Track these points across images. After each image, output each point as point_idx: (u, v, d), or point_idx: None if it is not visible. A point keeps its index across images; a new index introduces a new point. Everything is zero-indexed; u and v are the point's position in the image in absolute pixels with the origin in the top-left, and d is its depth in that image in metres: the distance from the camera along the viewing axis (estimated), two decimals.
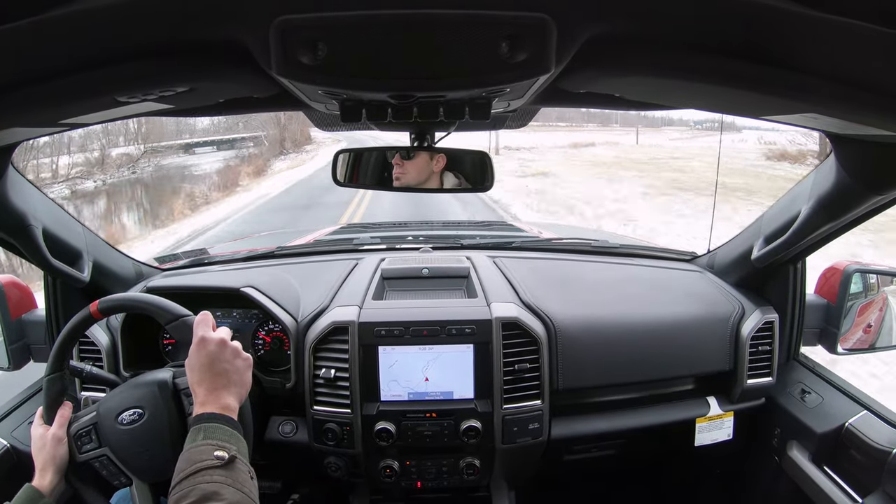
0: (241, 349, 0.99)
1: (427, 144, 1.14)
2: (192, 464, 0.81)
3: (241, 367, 0.98)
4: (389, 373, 1.30)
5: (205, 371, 0.93)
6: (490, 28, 0.56)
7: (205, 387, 0.92)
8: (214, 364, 0.94)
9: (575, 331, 1.37)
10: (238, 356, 0.98)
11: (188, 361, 0.96)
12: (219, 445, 0.84)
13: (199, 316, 1.00)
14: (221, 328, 1.00)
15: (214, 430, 0.87)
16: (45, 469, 0.99)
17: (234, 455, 0.83)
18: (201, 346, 0.95)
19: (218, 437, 0.86)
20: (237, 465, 0.83)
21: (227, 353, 0.96)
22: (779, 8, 0.50)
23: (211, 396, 0.92)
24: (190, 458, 0.82)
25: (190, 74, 0.66)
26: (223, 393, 0.93)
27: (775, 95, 0.64)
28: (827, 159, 1.06)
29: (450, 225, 2.78)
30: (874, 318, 1.52)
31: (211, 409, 0.90)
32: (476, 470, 1.33)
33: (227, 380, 0.94)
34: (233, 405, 0.93)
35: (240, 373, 0.97)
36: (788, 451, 1.40)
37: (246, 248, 1.93)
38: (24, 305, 1.50)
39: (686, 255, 1.83)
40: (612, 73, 0.70)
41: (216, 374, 0.94)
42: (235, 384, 0.95)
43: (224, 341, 0.97)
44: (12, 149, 1.05)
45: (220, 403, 0.91)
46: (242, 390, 0.97)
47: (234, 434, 0.88)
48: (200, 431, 0.86)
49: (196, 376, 0.94)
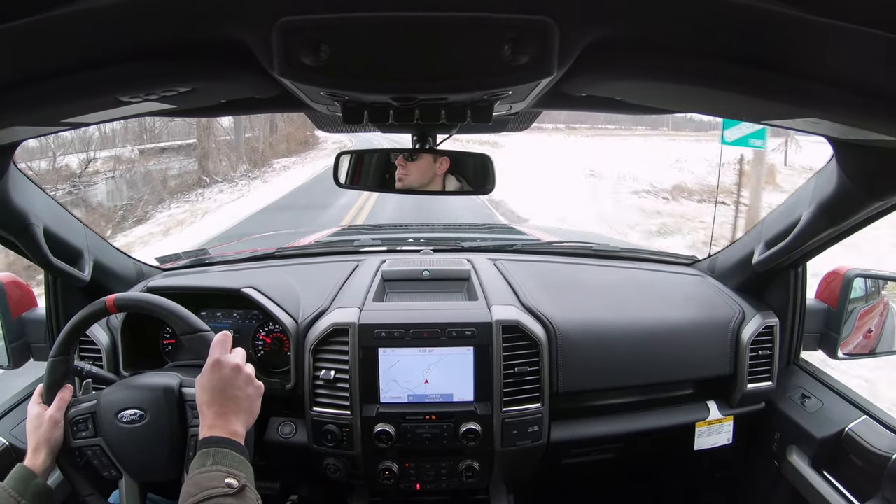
0: (254, 377, 0.99)
1: (428, 146, 1.15)
2: (201, 489, 0.80)
3: (253, 395, 0.98)
4: (389, 375, 1.30)
5: (216, 394, 0.93)
6: (492, 30, 0.56)
7: (214, 409, 0.92)
8: (227, 389, 0.94)
9: (575, 334, 1.37)
10: (251, 383, 0.98)
11: (199, 380, 0.95)
12: (229, 472, 0.83)
13: (218, 336, 0.99)
14: (237, 350, 1.00)
15: (224, 456, 0.86)
16: (38, 449, 0.99)
17: (245, 484, 0.83)
18: (216, 368, 0.95)
19: (227, 463, 0.85)
20: (247, 493, 0.83)
21: (240, 379, 0.96)
22: (780, 13, 0.50)
23: (220, 421, 0.91)
24: (199, 483, 0.81)
25: (192, 75, 0.66)
26: (232, 418, 0.92)
27: (776, 100, 0.64)
28: (828, 164, 1.06)
29: (451, 227, 2.78)
30: (875, 323, 1.52)
31: (219, 433, 0.90)
32: (475, 472, 1.33)
33: (237, 406, 0.94)
34: (240, 431, 0.92)
35: (250, 400, 0.97)
36: (788, 455, 1.39)
37: (247, 249, 1.94)
38: (24, 304, 1.50)
39: (687, 259, 1.83)
40: (614, 77, 0.70)
41: (228, 399, 0.93)
42: (245, 411, 0.95)
43: (239, 367, 0.96)
44: (14, 148, 1.05)
45: (229, 429, 0.91)
46: (250, 418, 0.97)
47: (242, 461, 0.88)
48: (210, 456, 0.86)
49: (206, 397, 0.93)
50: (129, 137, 15.74)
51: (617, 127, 40.58)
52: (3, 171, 1.06)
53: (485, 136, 11.04)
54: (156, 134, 17.91)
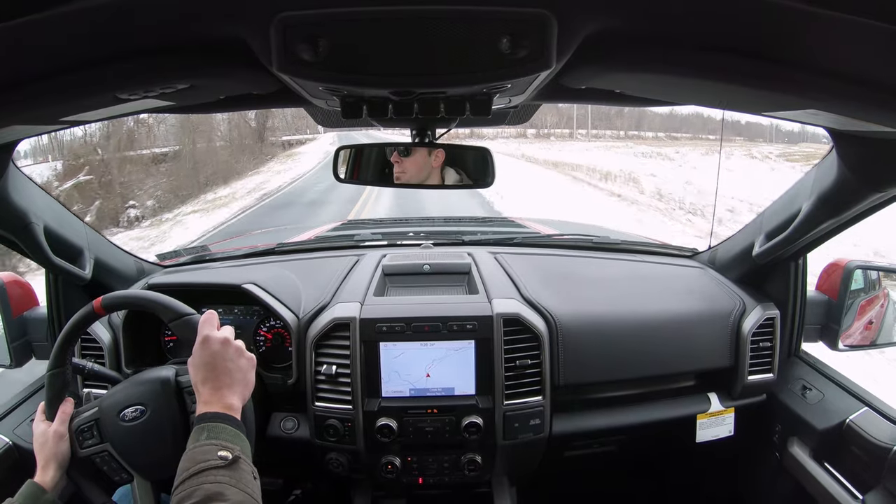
0: (245, 348, 0.99)
1: (428, 140, 1.14)
2: (195, 463, 0.81)
3: (245, 367, 0.97)
4: (391, 369, 1.30)
5: (208, 370, 0.93)
6: (491, 24, 0.56)
7: (208, 386, 0.92)
8: (218, 363, 0.94)
9: (576, 327, 1.37)
10: (242, 355, 0.97)
11: (191, 360, 0.95)
12: (222, 445, 0.84)
13: (204, 315, 0.99)
14: (225, 327, 0.99)
15: (218, 430, 0.86)
16: (46, 465, 0.99)
17: (238, 455, 0.83)
18: (205, 344, 0.94)
19: (221, 436, 0.86)
20: (241, 465, 0.83)
21: (230, 351, 0.95)
22: (779, 4, 0.50)
23: (214, 396, 0.91)
24: (193, 458, 0.82)
25: (191, 71, 0.66)
26: (226, 392, 0.92)
27: (776, 91, 0.64)
28: (828, 156, 1.06)
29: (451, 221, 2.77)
30: (875, 314, 1.52)
31: (214, 408, 0.90)
32: (477, 466, 1.34)
33: (230, 379, 0.94)
34: (236, 405, 0.93)
35: (243, 372, 0.97)
36: (789, 447, 1.40)
37: (247, 245, 1.94)
38: (25, 303, 1.51)
39: (687, 251, 1.82)
40: (613, 69, 0.70)
41: (220, 373, 0.93)
42: (239, 383, 0.95)
43: (228, 340, 0.96)
44: (13, 147, 1.05)
45: (224, 403, 0.91)
46: (246, 390, 0.97)
47: (237, 434, 0.88)
48: (204, 431, 0.86)
49: (199, 375, 0.93)
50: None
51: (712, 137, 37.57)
52: (3, 170, 1.06)
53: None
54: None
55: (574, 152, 25.89)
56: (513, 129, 49.63)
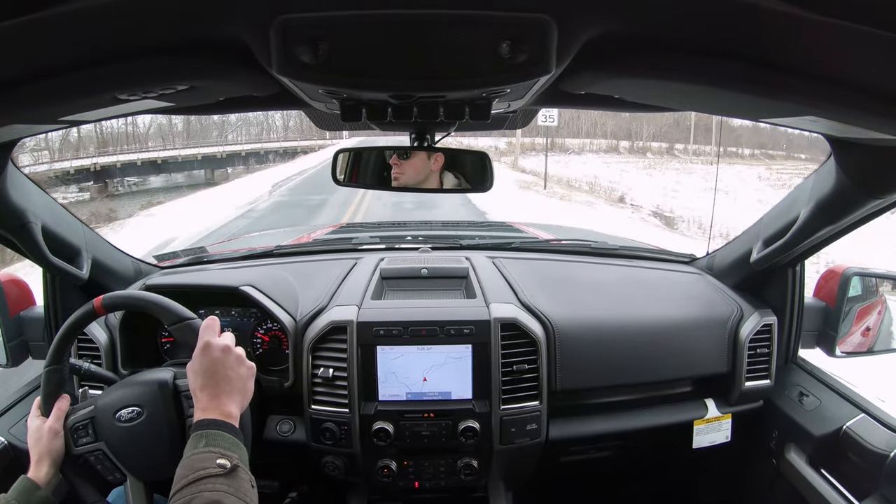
0: (245, 357, 0.99)
1: (427, 144, 1.14)
2: (193, 471, 0.80)
3: (245, 375, 0.97)
4: (388, 373, 1.30)
5: (208, 377, 0.92)
6: (490, 28, 0.56)
7: (207, 392, 0.92)
8: (218, 370, 0.93)
9: (573, 332, 1.37)
10: (242, 364, 0.97)
11: (191, 365, 0.95)
12: (221, 453, 0.83)
13: (206, 320, 0.99)
14: (226, 334, 0.99)
15: (216, 438, 0.86)
16: (40, 461, 0.98)
17: (237, 464, 0.83)
18: (206, 351, 0.94)
19: (220, 444, 0.85)
20: (239, 473, 0.83)
21: (231, 359, 0.95)
22: (779, 10, 0.50)
23: (213, 403, 0.91)
24: (191, 465, 0.81)
25: (190, 73, 0.66)
26: (225, 400, 0.92)
27: (774, 98, 0.64)
28: (826, 162, 1.06)
29: (449, 225, 2.77)
30: (873, 321, 1.52)
31: (213, 415, 0.89)
32: (473, 470, 1.33)
33: (229, 387, 0.93)
34: (234, 413, 0.92)
35: (242, 380, 0.96)
36: (786, 453, 1.40)
37: (245, 247, 1.93)
38: (22, 302, 1.50)
39: (685, 257, 1.83)
40: (613, 75, 0.70)
41: (219, 380, 0.93)
42: (238, 392, 0.94)
43: (229, 348, 0.96)
44: (12, 146, 1.04)
45: (222, 410, 0.90)
46: (244, 399, 0.96)
47: (235, 442, 0.88)
48: (202, 438, 0.86)
49: (198, 381, 0.93)
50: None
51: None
52: (2, 169, 1.06)
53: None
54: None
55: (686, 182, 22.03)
56: (603, 142, 47.23)
